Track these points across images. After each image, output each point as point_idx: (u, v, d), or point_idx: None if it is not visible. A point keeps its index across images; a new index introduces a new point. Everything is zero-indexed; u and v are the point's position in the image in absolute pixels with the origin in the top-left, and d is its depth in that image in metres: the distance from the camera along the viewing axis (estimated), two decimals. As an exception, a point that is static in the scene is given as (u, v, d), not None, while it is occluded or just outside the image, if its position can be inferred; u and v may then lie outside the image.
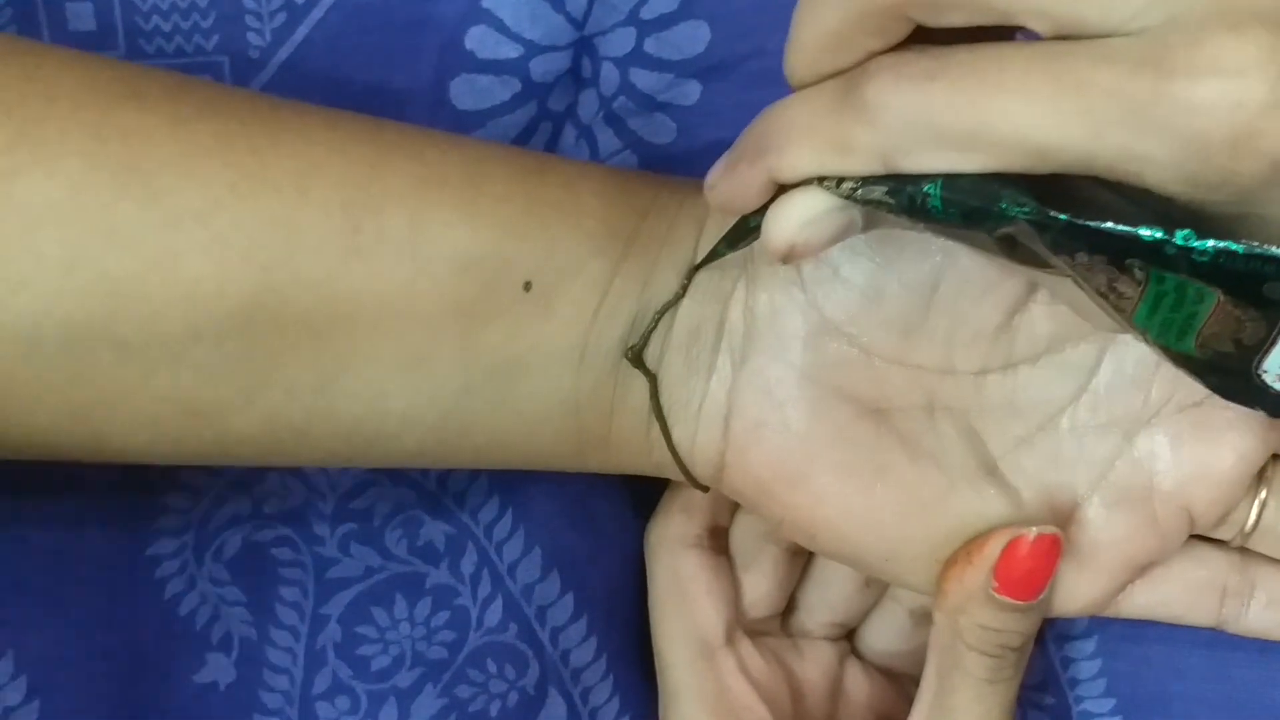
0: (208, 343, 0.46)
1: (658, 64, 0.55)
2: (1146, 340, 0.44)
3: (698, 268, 0.50)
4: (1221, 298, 0.41)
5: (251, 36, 0.53)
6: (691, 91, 0.55)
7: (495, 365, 0.49)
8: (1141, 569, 0.52)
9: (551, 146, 0.55)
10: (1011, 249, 0.43)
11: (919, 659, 0.53)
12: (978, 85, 0.40)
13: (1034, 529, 0.50)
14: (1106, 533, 0.51)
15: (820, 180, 0.43)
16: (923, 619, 0.56)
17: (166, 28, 0.53)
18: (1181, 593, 0.52)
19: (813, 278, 0.50)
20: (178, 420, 0.47)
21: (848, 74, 0.42)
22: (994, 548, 0.50)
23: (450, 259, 0.48)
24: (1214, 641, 0.54)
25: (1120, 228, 0.41)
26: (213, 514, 0.56)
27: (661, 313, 0.50)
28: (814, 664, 0.57)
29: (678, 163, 0.55)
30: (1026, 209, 0.41)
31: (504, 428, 0.50)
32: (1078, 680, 0.57)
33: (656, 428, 0.51)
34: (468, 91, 0.54)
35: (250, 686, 0.57)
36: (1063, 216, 0.41)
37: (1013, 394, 0.51)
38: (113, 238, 0.45)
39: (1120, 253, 0.41)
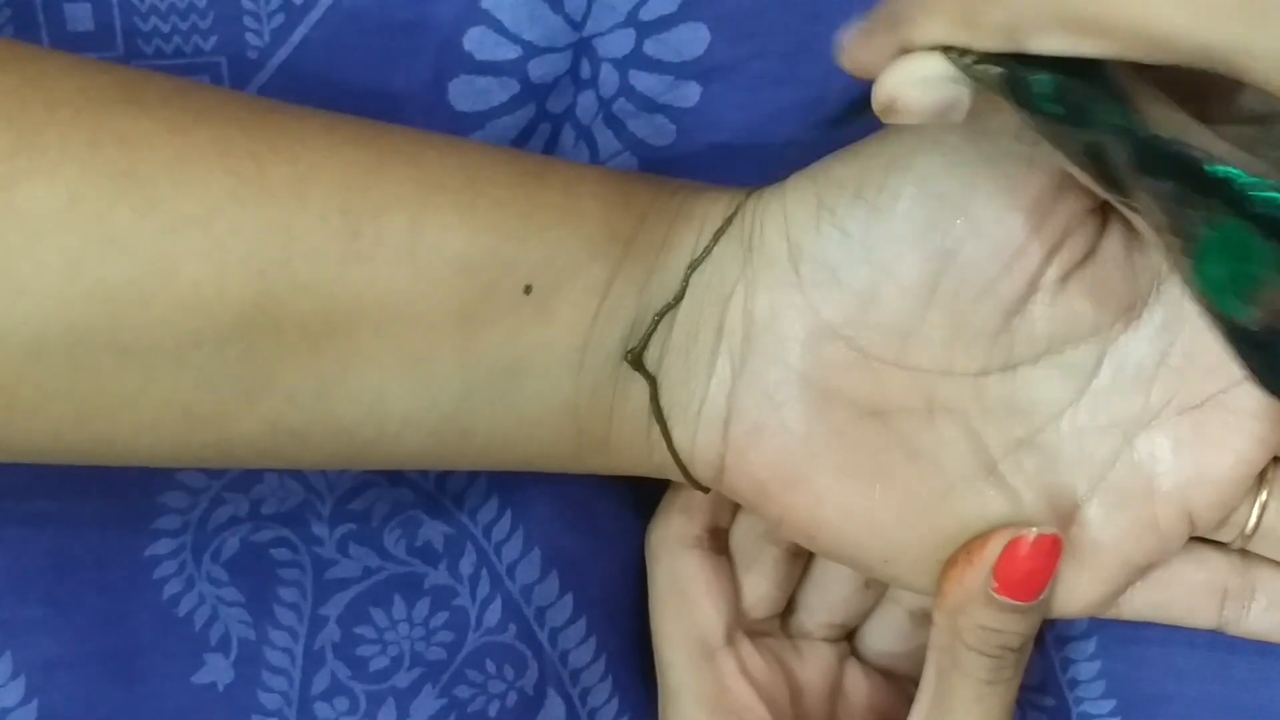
0: (208, 348, 0.47)
1: (657, 66, 0.55)
2: (1198, 299, 0.42)
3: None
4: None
5: (250, 37, 0.53)
6: (691, 93, 0.55)
7: (495, 368, 0.49)
8: (1142, 570, 0.52)
9: (550, 148, 0.55)
10: (1097, 163, 0.43)
11: (918, 660, 0.53)
12: None
13: (1034, 529, 0.50)
14: (1106, 534, 0.51)
15: (945, 50, 0.43)
16: (922, 620, 0.56)
17: (165, 28, 0.53)
18: (1182, 595, 0.52)
19: (811, 280, 0.50)
20: (179, 425, 0.48)
21: None
22: (994, 548, 0.50)
23: (449, 262, 0.48)
24: (1213, 643, 0.54)
25: (1195, 153, 0.41)
26: (211, 515, 0.56)
27: (661, 315, 0.50)
28: (813, 665, 0.57)
29: (677, 164, 0.55)
30: (1117, 118, 0.41)
31: (504, 430, 0.50)
32: (1077, 681, 0.57)
33: (656, 429, 0.51)
34: (466, 93, 0.54)
35: (249, 687, 0.57)
36: (1147, 129, 0.41)
37: (1012, 395, 0.51)
38: (112, 244, 0.46)
39: (1191, 185, 0.41)
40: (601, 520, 0.59)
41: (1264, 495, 0.52)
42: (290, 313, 0.47)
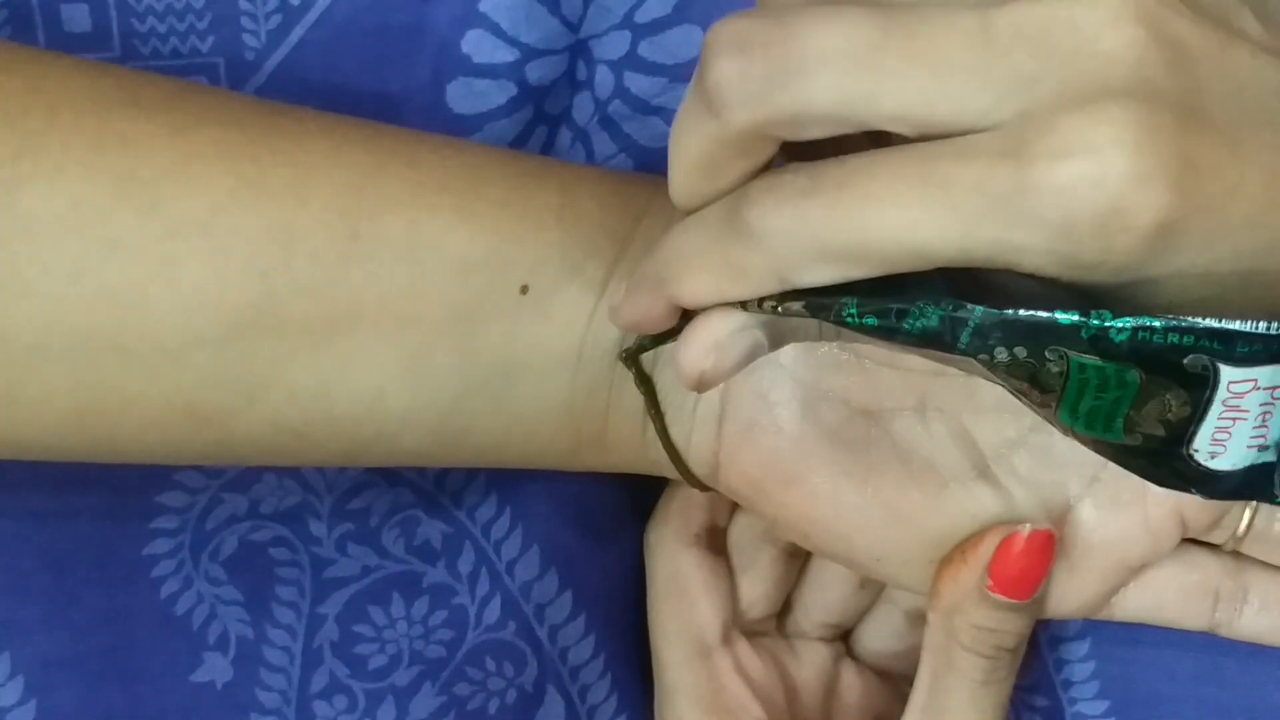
0: (209, 349, 0.47)
1: (652, 68, 0.55)
2: (1075, 436, 0.44)
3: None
4: (1143, 377, 0.42)
5: (247, 39, 0.53)
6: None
7: (493, 367, 0.49)
8: (1134, 571, 0.52)
9: (547, 150, 0.55)
10: (937, 344, 0.43)
11: (914, 660, 0.53)
12: (850, 197, 0.41)
13: (1027, 526, 0.50)
14: (1099, 534, 0.51)
15: (744, 304, 0.44)
16: (918, 620, 0.56)
17: (162, 29, 0.53)
18: (1174, 597, 0.52)
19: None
20: (181, 423, 0.48)
21: (730, 196, 0.43)
22: (988, 546, 0.50)
23: (448, 263, 0.48)
24: (1207, 644, 0.54)
25: (1036, 314, 0.41)
26: (209, 514, 0.56)
27: None
28: (809, 664, 0.57)
29: (673, 166, 0.55)
30: (942, 306, 0.41)
31: (501, 428, 0.50)
32: (1071, 682, 0.58)
33: (652, 428, 0.51)
34: (464, 95, 0.54)
35: (247, 685, 0.57)
36: (979, 309, 0.41)
37: (1004, 395, 0.51)
38: (114, 247, 0.46)
39: (1037, 343, 0.41)
40: (600, 518, 0.59)
41: (1256, 497, 0.52)
42: (291, 313, 0.47)
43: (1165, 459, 0.44)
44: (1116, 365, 0.41)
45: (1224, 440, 0.43)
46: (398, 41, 0.53)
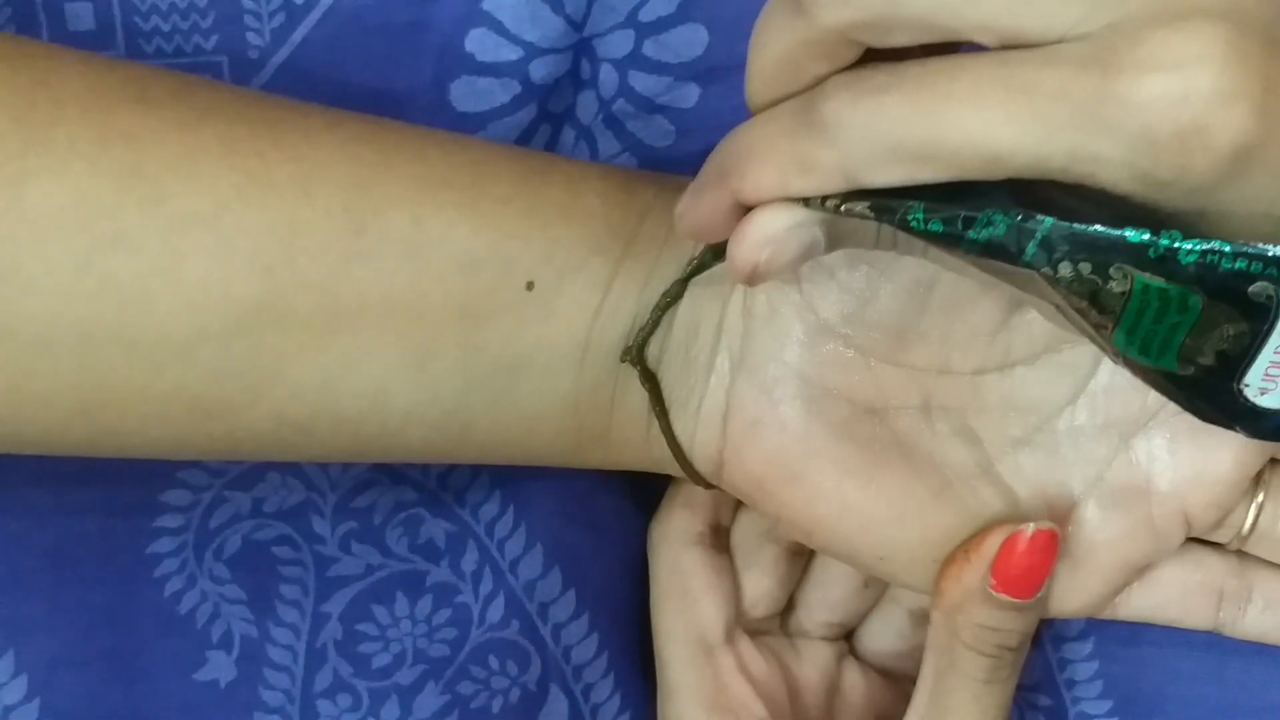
0: (214, 343, 0.47)
1: (656, 66, 0.55)
2: (1126, 363, 0.44)
3: (688, 278, 0.50)
4: (1205, 303, 0.41)
5: (251, 37, 0.53)
6: (690, 94, 0.55)
7: (497, 364, 0.49)
8: (1138, 571, 0.52)
9: (551, 149, 0.55)
10: (1000, 258, 0.42)
11: (917, 659, 0.53)
12: (930, 96, 0.41)
13: (1031, 525, 0.50)
14: (1103, 533, 0.51)
15: (806, 201, 0.43)
16: (921, 620, 0.56)
17: (166, 28, 0.53)
18: (1178, 596, 0.52)
19: (809, 279, 0.50)
20: (186, 418, 0.48)
21: (805, 94, 0.43)
22: (991, 545, 0.50)
23: (453, 259, 0.48)
24: (1211, 644, 0.54)
25: (1107, 230, 0.41)
26: (212, 512, 0.56)
27: (660, 312, 0.50)
28: (812, 664, 0.57)
29: (677, 165, 0.55)
30: (1010, 216, 0.41)
31: (505, 425, 0.51)
32: (1075, 681, 0.58)
33: (656, 425, 0.51)
34: (468, 94, 0.54)
35: (251, 684, 0.57)
36: (1048, 220, 0.41)
37: (1010, 394, 0.51)
38: (119, 242, 0.46)
39: (1103, 260, 0.41)
40: (604, 516, 0.59)
41: (1260, 497, 0.52)
42: (295, 309, 0.47)
43: (1213, 392, 0.44)
44: (1180, 288, 0.41)
45: (1276, 376, 0.43)
46: (401, 40, 0.53)
